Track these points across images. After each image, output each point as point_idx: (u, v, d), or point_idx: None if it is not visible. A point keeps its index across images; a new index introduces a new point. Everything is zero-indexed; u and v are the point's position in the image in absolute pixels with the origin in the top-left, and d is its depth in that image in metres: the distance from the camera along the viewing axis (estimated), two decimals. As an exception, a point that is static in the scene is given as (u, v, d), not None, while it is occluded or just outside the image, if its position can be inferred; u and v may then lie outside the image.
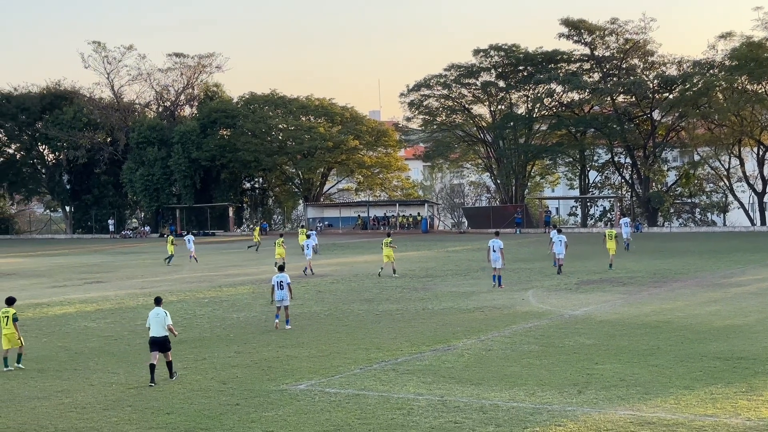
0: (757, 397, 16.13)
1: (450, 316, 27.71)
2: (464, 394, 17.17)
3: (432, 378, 18.70)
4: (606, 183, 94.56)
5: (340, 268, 46.93)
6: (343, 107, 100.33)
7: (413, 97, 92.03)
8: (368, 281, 39.29)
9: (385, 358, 21.15)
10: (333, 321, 27.70)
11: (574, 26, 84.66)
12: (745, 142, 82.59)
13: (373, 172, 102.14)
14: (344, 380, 18.87)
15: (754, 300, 29.07)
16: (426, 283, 37.65)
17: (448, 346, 22.47)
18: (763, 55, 77.22)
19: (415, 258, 51.95)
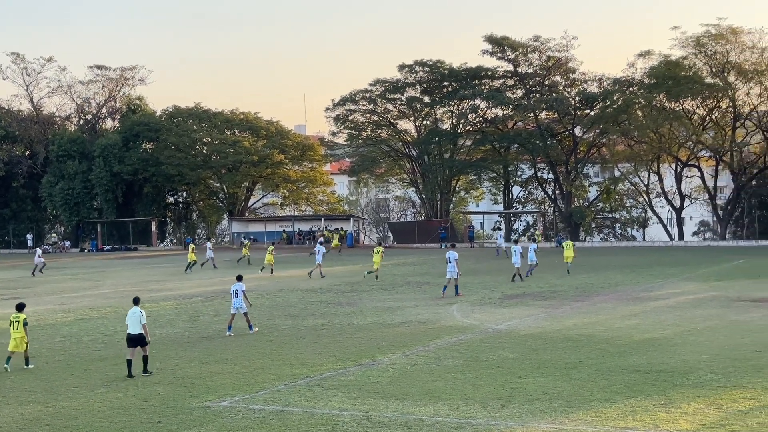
0: (676, 409, 16.42)
1: (375, 331, 27.69)
2: (389, 410, 17.14)
3: (357, 393, 18.64)
4: (529, 198, 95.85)
5: (265, 282, 46.61)
6: (268, 121, 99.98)
7: (339, 112, 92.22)
8: (293, 296, 39.09)
9: (309, 373, 21.03)
10: (257, 337, 27.46)
11: (497, 43, 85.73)
12: (663, 159, 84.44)
13: (299, 187, 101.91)
14: (268, 396, 18.70)
15: (673, 313, 29.63)
16: (351, 298, 37.60)
17: (373, 361, 22.45)
18: (680, 74, 79.13)
19: (340, 273, 51.87)
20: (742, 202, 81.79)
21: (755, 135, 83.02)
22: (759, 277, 41.45)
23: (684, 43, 79.86)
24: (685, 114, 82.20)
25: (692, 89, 78.99)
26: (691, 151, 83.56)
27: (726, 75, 79.85)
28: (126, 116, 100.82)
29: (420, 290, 40.36)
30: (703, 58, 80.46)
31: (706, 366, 20.27)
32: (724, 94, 79.90)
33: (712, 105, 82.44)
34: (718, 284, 38.98)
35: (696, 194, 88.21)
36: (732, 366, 20.17)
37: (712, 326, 26.40)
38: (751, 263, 50.97)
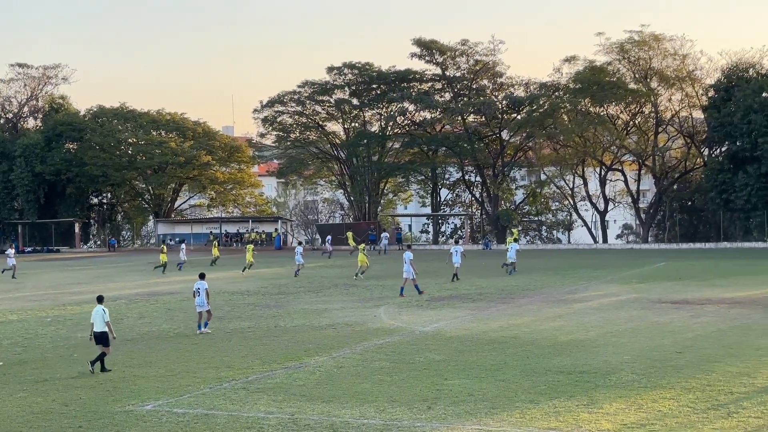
0: (598, 409, 16.64)
1: (302, 334, 27.58)
2: (315, 412, 17.08)
3: (283, 396, 18.54)
4: (457, 201, 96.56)
5: (190, 285, 45.96)
6: (195, 122, 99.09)
7: (267, 113, 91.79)
8: (219, 299, 38.70)
9: (235, 376, 20.85)
10: (182, 339, 27.16)
11: (426, 47, 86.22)
12: (588, 163, 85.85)
13: (226, 188, 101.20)
14: (193, 400, 18.49)
15: (596, 315, 30.07)
16: (278, 300, 37.41)
17: (300, 363, 22.35)
18: (604, 79, 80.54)
19: (268, 275, 51.59)
20: (663, 206, 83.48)
21: (676, 140, 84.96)
22: (679, 280, 42.30)
23: (608, 49, 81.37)
24: (609, 119, 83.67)
25: (616, 94, 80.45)
26: (615, 156, 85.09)
27: (649, 81, 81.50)
28: (48, 115, 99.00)
29: (348, 292, 40.32)
30: (626, 64, 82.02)
31: (628, 367, 20.60)
32: (647, 99, 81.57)
33: (635, 110, 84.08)
34: (640, 286, 39.66)
35: (619, 198, 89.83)
36: (653, 367, 20.52)
37: (634, 328, 26.84)
38: (672, 266, 52.01)
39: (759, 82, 73.39)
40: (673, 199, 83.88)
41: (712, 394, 17.57)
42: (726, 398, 17.23)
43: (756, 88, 72.59)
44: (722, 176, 73.76)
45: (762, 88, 72.64)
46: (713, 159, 79.19)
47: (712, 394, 17.57)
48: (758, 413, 16.03)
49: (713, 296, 34.68)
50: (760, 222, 74.82)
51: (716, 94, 76.93)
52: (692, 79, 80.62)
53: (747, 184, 71.07)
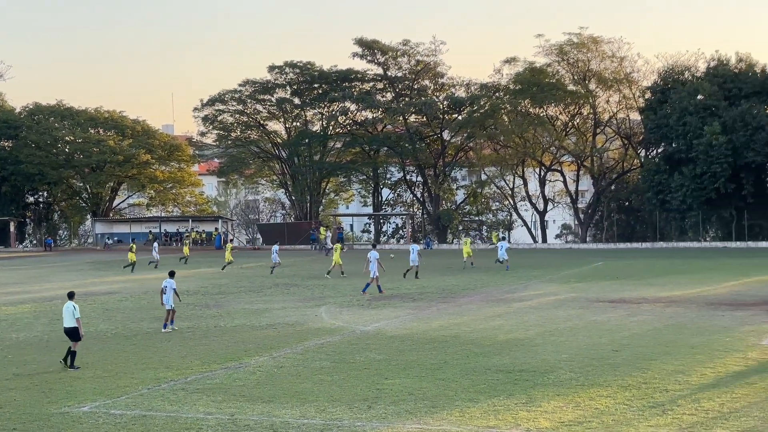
0: (536, 408, 16.81)
1: (242, 334, 27.43)
2: (255, 412, 17.00)
3: (222, 396, 18.42)
4: (398, 200, 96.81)
5: (129, 285, 45.61)
6: (134, 120, 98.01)
7: (207, 112, 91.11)
8: (158, 299, 38.24)
9: (174, 377, 20.66)
10: (120, 340, 26.84)
11: (367, 46, 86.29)
12: (528, 163, 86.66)
13: (166, 187, 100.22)
14: (131, 401, 18.28)
15: (535, 314, 30.36)
16: (219, 300, 37.16)
17: (240, 363, 22.23)
18: (544, 81, 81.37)
19: (208, 275, 51.22)
20: (601, 206, 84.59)
21: (614, 141, 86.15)
22: (617, 279, 42.89)
23: (547, 51, 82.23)
24: (548, 120, 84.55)
25: (555, 96, 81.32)
26: (554, 156, 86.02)
27: (587, 83, 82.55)
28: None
29: (288, 292, 40.19)
30: (565, 65, 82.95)
31: (566, 365, 20.83)
32: (586, 101, 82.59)
33: (574, 111, 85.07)
34: (579, 286, 40.14)
35: (558, 198, 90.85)
36: (590, 365, 20.78)
37: (572, 326, 27.15)
38: (610, 265, 52.72)
39: (694, 85, 74.73)
40: (611, 200, 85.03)
41: (648, 392, 17.85)
42: (661, 396, 17.51)
43: (691, 91, 73.91)
44: (658, 177, 74.95)
45: (697, 90, 73.99)
46: (650, 160, 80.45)
47: (648, 392, 17.85)
48: (692, 410, 16.32)
49: (649, 295, 35.24)
50: (695, 222, 76.20)
51: (653, 96, 78.18)
52: (629, 81, 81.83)
53: (682, 184, 72.32)
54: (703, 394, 17.61)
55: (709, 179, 71.15)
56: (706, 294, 35.32)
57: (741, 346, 22.92)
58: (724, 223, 76.21)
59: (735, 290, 36.57)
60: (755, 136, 69.61)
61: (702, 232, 77.05)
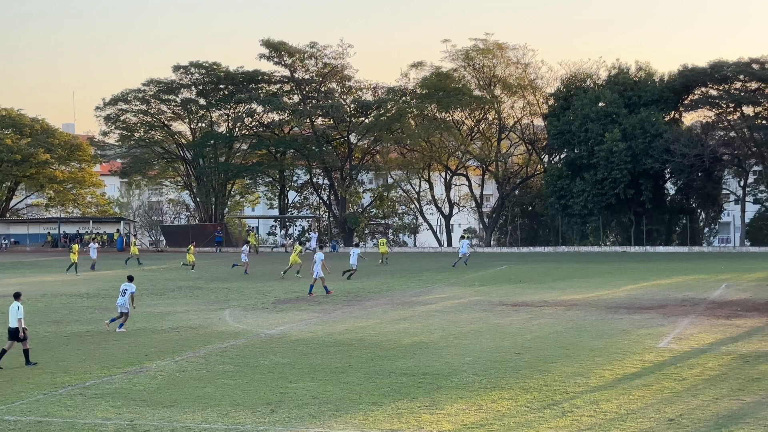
0: (440, 411, 16.92)
1: (143, 337, 26.97)
2: (155, 417, 16.73)
3: (122, 401, 18.07)
4: (305, 203, 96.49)
5: (27, 287, 44.33)
6: (33, 119, 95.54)
7: (110, 112, 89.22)
8: (57, 301, 37.47)
9: (72, 382, 20.19)
10: (16, 344, 26.05)
11: (274, 48, 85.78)
12: (434, 167, 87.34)
13: (66, 188, 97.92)
14: (26, 407, 17.78)
15: (439, 317, 30.59)
16: (119, 304, 36.39)
17: (141, 368, 21.85)
18: (450, 85, 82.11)
19: (109, 277, 50.22)
20: (506, 211, 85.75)
21: (518, 146, 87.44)
22: (520, 283, 43.51)
23: (454, 56, 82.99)
24: (454, 124, 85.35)
25: (461, 101, 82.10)
26: (460, 161, 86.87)
27: (492, 88, 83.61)
28: None
29: (192, 295, 39.69)
30: (471, 71, 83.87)
31: (469, 368, 21.04)
32: (491, 106, 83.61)
33: (479, 116, 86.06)
34: (482, 289, 40.61)
35: (464, 202, 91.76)
36: (493, 368, 21.03)
37: (476, 329, 27.43)
38: (513, 269, 53.47)
39: (595, 92, 76.35)
40: (515, 204, 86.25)
41: (549, 394, 18.14)
42: (561, 398, 17.82)
43: (593, 98, 75.50)
44: (561, 182, 76.33)
45: (598, 98, 75.62)
46: (553, 166, 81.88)
47: (549, 394, 18.14)
48: (591, 412, 16.65)
49: (551, 299, 35.85)
50: (596, 227, 77.84)
51: (556, 103, 79.62)
52: (533, 87, 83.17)
53: (584, 190, 73.79)
54: (601, 395, 17.98)
55: (610, 185, 72.78)
56: (606, 297, 36.09)
57: (638, 348, 23.48)
58: (623, 228, 78.01)
59: (633, 294, 37.45)
60: (653, 144, 71.45)
61: (602, 237, 78.75)
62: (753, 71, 73.00)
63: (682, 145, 70.15)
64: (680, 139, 71.11)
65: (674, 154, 70.24)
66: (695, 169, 71.76)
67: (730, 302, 33.83)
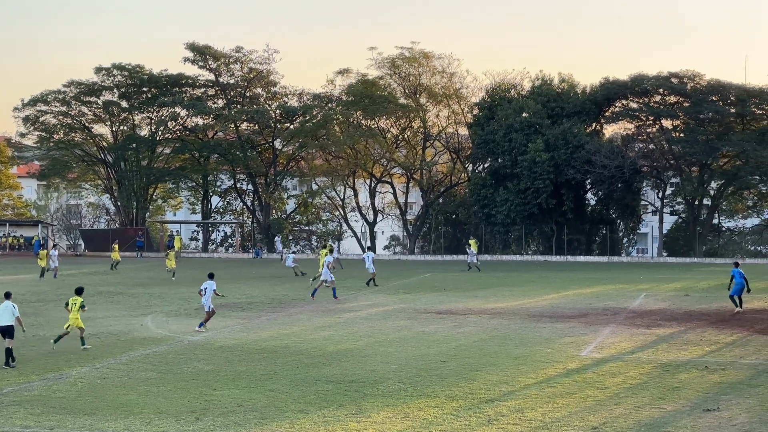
0: (366, 418, 16.89)
1: (63, 344, 26.33)
2: (76, 425, 16.39)
3: (41, 409, 17.66)
4: (228, 208, 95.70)
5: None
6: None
7: (29, 112, 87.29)
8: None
9: (-12, 389, 19.67)
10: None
11: (199, 51, 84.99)
12: (359, 174, 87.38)
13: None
14: (-60, 415, 17.27)
15: (365, 325, 30.59)
16: (38, 308, 35.64)
17: (60, 374, 21.39)
18: (376, 93, 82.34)
19: (27, 281, 49.08)
20: (429, 219, 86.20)
21: (443, 155, 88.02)
22: (443, 290, 43.75)
23: (380, 64, 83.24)
24: (380, 132, 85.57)
25: (387, 108, 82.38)
26: (385, 168, 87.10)
27: (418, 97, 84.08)
28: None
29: (113, 300, 39.01)
30: (397, 79, 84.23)
31: (395, 376, 21.06)
32: (416, 114, 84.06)
33: (405, 125, 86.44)
34: (407, 296, 40.72)
35: (388, 210, 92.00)
36: (419, 376, 21.08)
37: (401, 337, 27.49)
38: (437, 277, 53.75)
39: (519, 103, 77.30)
40: (439, 212, 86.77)
41: (474, 402, 18.25)
42: (487, 406, 17.94)
43: (517, 108, 76.43)
44: (485, 191, 77.04)
45: (522, 108, 76.57)
46: (477, 174, 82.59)
47: (474, 402, 18.25)
48: (516, 420, 16.79)
49: (475, 307, 36.12)
50: (518, 236, 78.74)
51: (480, 113, 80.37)
52: (458, 96, 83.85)
53: (507, 199, 74.60)
54: (526, 403, 18.15)
55: (533, 194, 73.72)
56: (528, 306, 36.49)
57: (561, 357, 23.78)
58: (545, 238, 79.05)
59: (555, 303, 37.94)
60: (575, 155, 72.58)
61: (524, 246, 79.68)
62: (672, 85, 74.73)
63: (603, 157, 71.42)
64: (601, 150, 72.39)
65: (595, 165, 71.46)
66: (615, 180, 73.10)
67: (649, 312, 34.49)
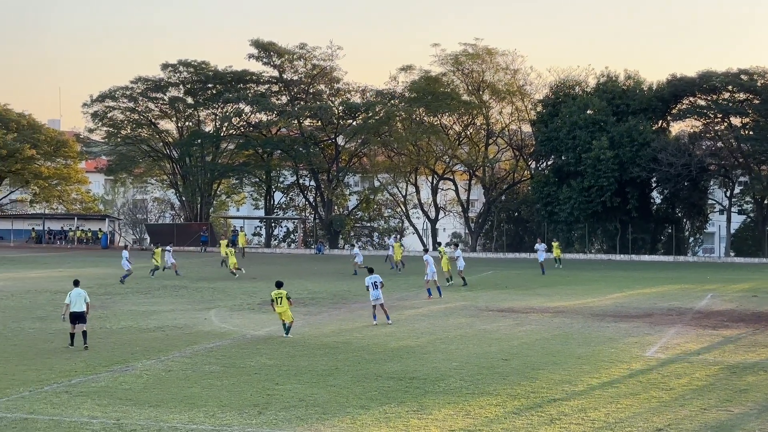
0: (427, 415, 16.87)
1: (129, 336, 26.83)
2: (142, 417, 16.62)
3: (108, 400, 17.95)
4: (291, 204, 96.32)
5: (10, 283, 44.15)
6: (19, 114, 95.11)
7: (97, 108, 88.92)
8: (42, 298, 37.23)
9: (57, 379, 20.05)
10: (1, 340, 25.92)
11: (264, 48, 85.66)
12: (421, 171, 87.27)
13: (51, 184, 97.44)
14: (11, 404, 17.64)
15: (426, 322, 30.56)
16: (105, 301, 36.26)
17: (126, 366, 21.73)
18: (439, 90, 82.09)
19: (94, 275, 49.95)
20: (491, 216, 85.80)
21: (506, 152, 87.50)
22: (505, 288, 43.54)
23: (443, 61, 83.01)
24: (442, 129, 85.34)
25: (449, 105, 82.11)
26: (447, 165, 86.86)
27: (481, 93, 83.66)
28: None
29: (177, 294, 39.53)
30: (460, 75, 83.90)
31: (456, 373, 21.00)
32: (479, 111, 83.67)
33: (467, 121, 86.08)
34: (469, 294, 40.60)
35: (450, 207, 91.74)
36: (480, 373, 20.99)
37: (463, 335, 27.40)
38: (499, 274, 53.50)
39: (584, 100, 76.53)
40: (501, 210, 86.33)
41: (536, 401, 18.12)
42: (549, 405, 17.79)
43: (581, 105, 75.69)
44: (548, 189, 76.47)
45: (586, 105, 75.81)
46: (539, 172, 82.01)
47: (536, 401, 18.12)
48: (578, 419, 16.63)
49: (537, 305, 35.87)
50: (581, 234, 78.02)
51: (544, 110, 79.75)
52: (522, 93, 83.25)
53: (570, 197, 73.96)
54: (589, 403, 17.97)
55: (596, 193, 72.98)
56: (592, 305, 36.13)
57: (626, 357, 23.50)
58: (609, 236, 78.21)
59: (619, 302, 37.51)
60: (640, 152, 71.68)
61: (588, 245, 78.90)
62: (741, 82, 73.35)
63: (669, 155, 70.42)
64: (667, 148, 71.38)
65: (661, 163, 70.49)
66: (682, 179, 72.02)
67: (716, 312, 33.92)
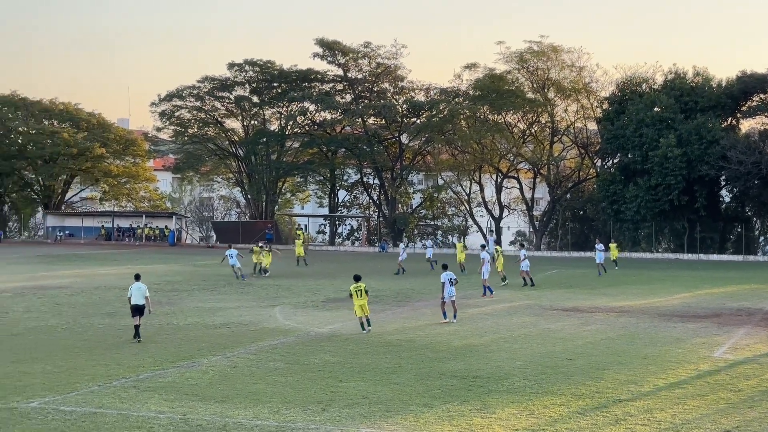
0: (491, 414, 16.81)
1: (195, 332, 27.17)
2: (207, 412, 16.83)
3: (174, 395, 18.21)
4: (355, 202, 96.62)
5: (81, 279, 45.01)
6: (89, 113, 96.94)
7: (165, 107, 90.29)
8: (110, 294, 37.88)
9: (125, 374, 20.40)
10: (71, 335, 26.45)
11: (328, 47, 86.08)
12: (485, 169, 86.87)
13: (120, 182, 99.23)
14: (81, 398, 18.00)
15: (490, 320, 30.43)
16: (171, 298, 36.78)
17: (193, 362, 22.00)
18: (503, 87, 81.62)
19: (161, 271, 50.71)
20: (556, 214, 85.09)
21: (571, 150, 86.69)
22: (570, 287, 43.15)
23: (508, 58, 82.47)
24: (506, 127, 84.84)
25: (514, 103, 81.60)
26: (511, 163, 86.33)
27: (546, 91, 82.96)
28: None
29: (243, 291, 39.92)
30: (525, 73, 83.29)
31: (520, 372, 20.88)
32: (544, 109, 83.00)
33: (532, 119, 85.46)
34: (533, 293, 40.34)
35: (514, 205, 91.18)
36: (544, 373, 20.85)
37: (526, 334, 27.23)
38: (563, 273, 53.05)
39: (651, 97, 75.45)
40: (566, 208, 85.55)
41: (601, 402, 17.93)
42: (614, 406, 17.60)
43: (648, 103, 74.63)
44: (614, 187, 75.58)
45: (654, 102, 74.73)
46: (605, 170, 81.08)
47: (601, 402, 17.93)
48: (644, 420, 16.42)
49: (602, 304, 35.49)
50: (648, 233, 76.97)
51: (610, 107, 78.80)
52: (588, 91, 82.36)
53: (637, 195, 73.00)
54: (655, 404, 17.74)
55: (664, 191, 71.92)
56: (658, 305, 35.64)
57: (693, 357, 23.13)
58: (676, 235, 77.05)
59: (686, 302, 36.94)
60: (709, 150, 70.48)
61: (655, 244, 77.83)
62: (813, 78, 71.68)
63: (739, 152, 69.10)
64: (737, 146, 70.05)
65: (731, 161, 69.22)
66: (752, 177, 70.62)
67: (786, 313, 33.22)
